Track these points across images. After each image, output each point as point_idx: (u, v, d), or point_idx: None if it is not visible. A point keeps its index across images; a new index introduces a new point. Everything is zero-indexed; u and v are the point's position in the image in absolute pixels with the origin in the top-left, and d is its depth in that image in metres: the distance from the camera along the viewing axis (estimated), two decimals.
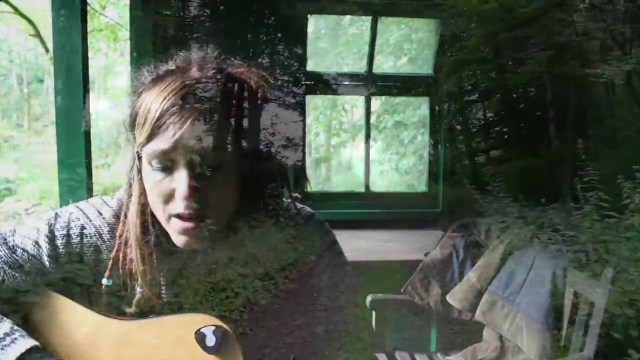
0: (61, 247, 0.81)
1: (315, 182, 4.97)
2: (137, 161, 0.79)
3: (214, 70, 0.76)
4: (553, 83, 3.35)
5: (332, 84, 3.74)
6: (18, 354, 0.74)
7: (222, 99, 0.75)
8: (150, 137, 0.73)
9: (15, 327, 0.77)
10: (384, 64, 4.40)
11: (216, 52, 0.80)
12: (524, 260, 2.11)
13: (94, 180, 1.78)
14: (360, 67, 3.89)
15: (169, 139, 0.71)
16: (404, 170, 4.62)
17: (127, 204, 0.81)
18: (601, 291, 1.72)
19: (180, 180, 0.73)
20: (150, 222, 0.79)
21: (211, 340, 0.73)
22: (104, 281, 0.81)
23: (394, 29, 4.29)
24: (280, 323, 0.83)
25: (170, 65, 0.78)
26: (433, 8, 3.56)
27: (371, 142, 4.08)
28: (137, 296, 0.81)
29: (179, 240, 0.76)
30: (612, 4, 3.03)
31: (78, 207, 0.85)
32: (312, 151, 5.23)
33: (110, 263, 0.81)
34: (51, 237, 0.81)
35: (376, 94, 4.00)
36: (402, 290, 2.32)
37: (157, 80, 0.76)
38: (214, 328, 0.73)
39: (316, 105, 4.94)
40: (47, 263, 0.81)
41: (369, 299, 2.20)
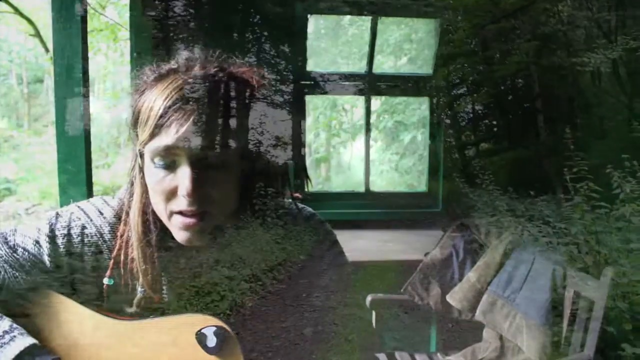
0: (62, 246, 0.81)
1: (315, 182, 4.97)
2: (139, 159, 0.79)
3: (215, 69, 0.77)
4: (540, 74, 3.34)
5: (332, 84, 3.74)
6: (17, 351, 0.74)
7: (223, 97, 0.76)
8: (153, 134, 0.73)
9: (15, 325, 0.77)
10: (384, 64, 4.40)
11: (217, 52, 0.80)
12: (523, 260, 2.11)
13: (94, 180, 1.78)
14: (360, 67, 3.89)
15: (172, 135, 0.72)
16: (404, 170, 4.61)
17: (129, 203, 0.81)
18: (601, 290, 1.72)
19: (182, 177, 0.73)
20: (151, 221, 0.79)
21: (212, 341, 0.73)
22: (105, 281, 0.81)
23: (394, 29, 4.29)
24: (280, 323, 0.83)
25: (172, 64, 0.79)
26: (420, 2, 3.55)
27: (371, 142, 4.08)
28: (138, 296, 0.81)
29: (180, 236, 0.76)
30: None
31: (79, 206, 0.85)
32: (312, 151, 5.23)
33: (111, 263, 0.81)
34: (52, 237, 0.81)
35: (376, 94, 3.99)
36: (402, 290, 2.32)
37: (160, 78, 0.76)
38: (214, 329, 0.73)
39: (316, 105, 4.94)
40: (47, 262, 0.81)
41: (369, 299, 2.20)
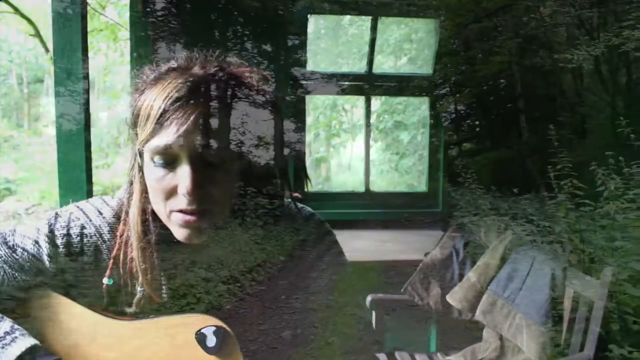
0: (61, 246, 0.81)
1: (315, 182, 4.97)
2: (138, 159, 0.79)
3: (215, 69, 0.77)
4: (522, 73, 3.34)
5: (332, 84, 3.74)
6: (18, 352, 0.74)
7: (223, 96, 0.76)
8: (153, 133, 0.73)
9: (16, 326, 0.77)
10: (384, 64, 4.40)
11: (217, 52, 0.80)
12: (523, 260, 2.11)
13: (94, 180, 1.79)
14: (360, 67, 3.89)
15: (172, 134, 0.72)
16: (404, 170, 4.62)
17: (128, 202, 0.81)
18: (601, 290, 1.72)
19: (183, 175, 0.73)
20: (151, 221, 0.79)
21: (212, 341, 0.73)
22: (105, 281, 0.81)
23: (394, 29, 4.30)
24: (280, 322, 0.83)
25: (172, 64, 0.79)
26: (403, 2, 3.54)
27: (371, 142, 4.08)
28: (138, 296, 0.81)
29: (180, 233, 0.76)
30: None
31: (78, 206, 0.85)
32: (312, 151, 5.23)
33: (110, 262, 0.81)
34: (51, 237, 0.81)
35: (376, 94, 3.99)
36: (402, 290, 2.32)
37: (160, 77, 0.76)
38: (214, 329, 0.73)
39: (316, 105, 4.95)
40: (47, 263, 0.81)
41: (369, 299, 2.20)
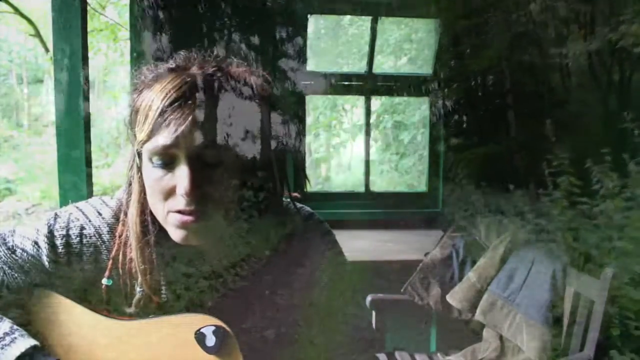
0: (60, 247, 0.81)
1: (315, 182, 4.97)
2: (137, 159, 0.79)
3: (213, 69, 0.77)
4: (512, 69, 3.30)
5: (332, 84, 3.73)
6: (18, 353, 0.74)
7: (222, 97, 0.75)
8: (152, 133, 0.73)
9: (15, 326, 0.78)
10: (384, 64, 4.40)
11: (216, 51, 0.80)
12: (523, 260, 2.11)
13: (94, 180, 1.78)
14: (360, 67, 3.88)
15: (170, 134, 0.71)
16: (404, 170, 4.61)
17: (127, 203, 0.81)
18: (601, 290, 1.72)
19: (181, 176, 0.73)
20: (150, 222, 0.79)
21: (211, 341, 0.73)
22: (104, 281, 0.81)
23: (394, 29, 4.29)
24: (280, 322, 0.83)
25: (171, 64, 0.79)
26: None
27: (371, 142, 4.08)
28: (137, 296, 0.81)
29: (177, 235, 0.76)
30: None
31: (77, 207, 0.85)
32: (312, 151, 5.23)
33: (110, 263, 0.81)
34: (50, 238, 0.81)
35: (376, 94, 3.99)
36: (402, 290, 2.32)
37: (158, 77, 0.76)
38: (214, 328, 0.73)
39: (316, 105, 4.94)
40: (46, 263, 0.81)
41: (369, 299, 2.20)
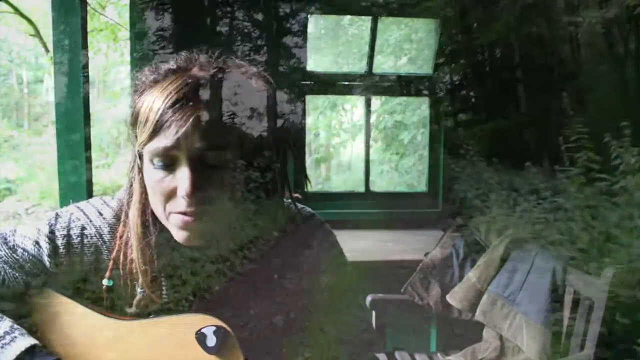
0: (61, 247, 0.81)
1: (315, 182, 4.97)
2: (138, 160, 0.79)
3: (215, 70, 0.77)
4: (521, 42, 3.21)
5: (332, 84, 3.74)
6: (18, 352, 0.74)
7: (223, 97, 0.76)
8: (153, 135, 0.73)
9: (15, 325, 0.78)
10: (384, 64, 4.40)
11: (217, 52, 0.80)
12: (523, 260, 2.11)
13: (94, 180, 1.78)
14: (360, 67, 3.88)
15: (171, 136, 0.71)
16: (404, 170, 4.62)
17: (128, 204, 0.81)
18: (601, 290, 1.72)
19: (182, 178, 0.73)
20: (151, 222, 0.79)
21: (212, 341, 0.73)
22: (105, 282, 0.81)
23: (394, 29, 4.30)
24: (280, 323, 0.83)
25: (172, 65, 0.78)
26: None
27: (371, 142, 4.08)
28: (138, 296, 0.81)
29: (179, 235, 0.76)
30: None
31: (78, 207, 0.85)
32: (312, 151, 5.23)
33: (110, 263, 0.81)
34: (51, 237, 0.81)
35: (376, 94, 3.99)
36: (402, 290, 2.32)
37: (159, 78, 0.76)
38: (214, 328, 0.74)
39: (316, 105, 4.95)
40: (47, 263, 0.81)
41: (369, 299, 2.20)
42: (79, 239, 0.81)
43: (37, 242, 0.81)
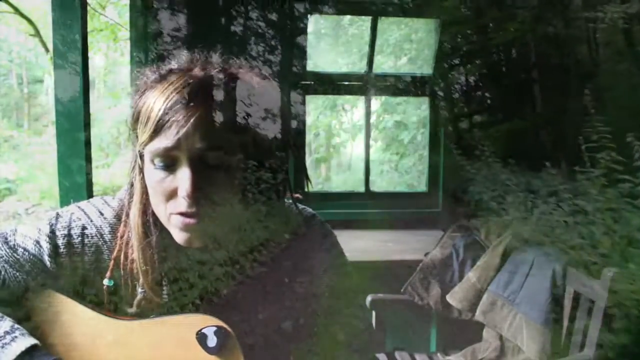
0: (62, 247, 0.81)
1: (315, 182, 4.97)
2: (139, 160, 0.79)
3: (216, 70, 0.77)
4: (537, 42, 3.16)
5: (332, 84, 3.73)
6: (18, 352, 0.74)
7: (224, 98, 0.76)
8: (153, 135, 0.73)
9: (16, 325, 0.78)
10: (384, 64, 4.40)
11: (218, 52, 0.80)
12: (524, 260, 2.11)
13: (94, 180, 1.78)
14: (360, 67, 3.88)
15: (172, 137, 0.71)
16: (404, 170, 4.61)
17: (129, 204, 0.81)
18: (601, 290, 1.72)
19: (183, 178, 0.73)
20: (152, 222, 0.79)
21: (212, 341, 0.73)
22: (105, 282, 0.81)
23: (394, 29, 4.29)
24: (280, 323, 0.83)
25: (173, 65, 0.79)
26: None
27: (371, 142, 4.08)
28: (139, 296, 0.81)
29: (180, 237, 0.76)
30: None
31: (79, 207, 0.85)
32: (312, 151, 5.23)
33: (111, 263, 0.81)
34: (52, 237, 0.81)
35: (376, 94, 3.99)
36: (402, 290, 2.32)
37: (160, 79, 0.76)
38: (215, 329, 0.74)
39: (316, 105, 4.94)
40: (47, 263, 0.81)
41: (369, 299, 2.20)
42: (79, 238, 0.81)
43: (37, 242, 0.81)
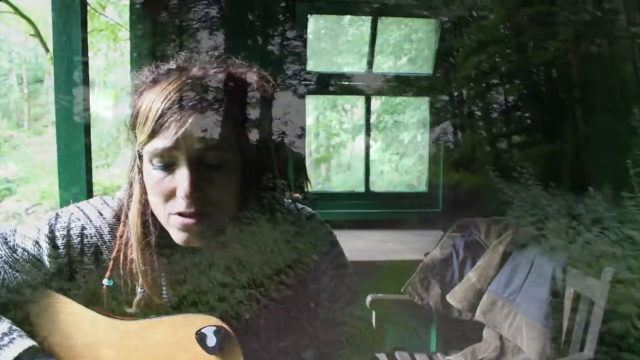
0: (61, 247, 0.81)
1: (315, 182, 4.97)
2: (137, 160, 0.79)
3: (214, 70, 0.77)
4: (580, 61, 3.05)
5: (332, 84, 3.73)
6: (16, 354, 0.74)
7: (223, 98, 0.75)
8: (152, 135, 0.73)
9: (14, 327, 0.77)
10: (384, 64, 4.40)
11: (217, 52, 0.80)
12: (523, 260, 2.11)
13: (94, 180, 1.78)
14: (360, 67, 3.88)
15: (170, 137, 0.71)
16: (404, 170, 4.61)
17: (128, 204, 0.81)
18: (601, 290, 1.72)
19: (181, 178, 0.73)
20: (151, 222, 0.79)
21: (212, 341, 0.73)
22: (105, 282, 0.81)
23: (394, 29, 4.29)
24: (280, 324, 0.83)
25: (171, 65, 0.78)
26: None
27: (371, 142, 4.07)
28: (138, 296, 0.81)
29: (178, 237, 0.76)
30: None
31: (79, 207, 0.85)
32: (312, 151, 5.23)
33: (110, 263, 0.81)
34: (51, 237, 0.81)
35: (376, 94, 3.99)
36: (402, 290, 2.32)
37: (159, 79, 0.76)
38: (214, 328, 0.74)
39: (316, 105, 4.94)
40: (47, 263, 0.81)
41: (369, 299, 2.20)
42: (79, 239, 0.81)
43: (37, 242, 0.81)
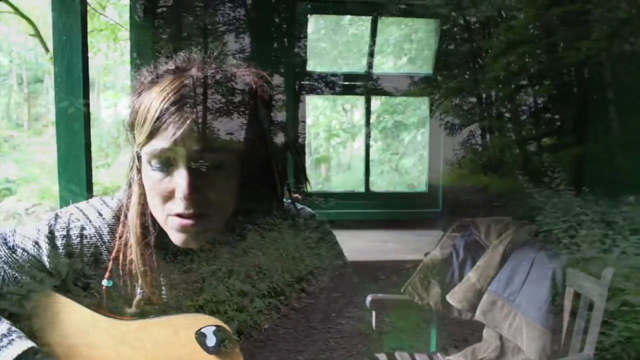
0: (61, 247, 0.81)
1: (315, 182, 4.97)
2: (136, 161, 0.79)
3: (213, 70, 0.76)
4: (613, 60, 2.90)
5: (332, 84, 3.74)
6: (15, 355, 0.73)
7: (221, 99, 0.75)
8: (150, 136, 0.73)
9: (13, 328, 0.77)
10: (384, 64, 4.40)
11: (216, 53, 0.80)
12: (523, 260, 2.11)
13: (94, 180, 1.78)
14: (360, 67, 3.89)
15: (168, 138, 0.71)
16: (404, 170, 4.62)
17: (127, 204, 0.81)
18: (601, 290, 1.72)
19: (179, 179, 0.72)
20: (150, 223, 0.79)
21: (211, 341, 0.73)
22: (104, 283, 0.81)
23: (394, 29, 4.29)
24: (280, 324, 0.83)
25: (170, 65, 0.78)
26: None
27: (371, 142, 4.08)
28: (138, 297, 0.81)
29: (177, 238, 0.76)
30: None
31: (78, 207, 0.85)
32: (312, 151, 5.23)
33: (110, 264, 0.81)
34: (51, 238, 0.81)
35: (376, 94, 3.99)
36: (402, 290, 2.32)
37: (157, 80, 0.76)
38: (214, 328, 0.74)
39: (316, 105, 4.95)
40: (47, 263, 0.81)
41: (369, 299, 2.19)
42: (78, 239, 0.81)
43: (36, 243, 0.81)
